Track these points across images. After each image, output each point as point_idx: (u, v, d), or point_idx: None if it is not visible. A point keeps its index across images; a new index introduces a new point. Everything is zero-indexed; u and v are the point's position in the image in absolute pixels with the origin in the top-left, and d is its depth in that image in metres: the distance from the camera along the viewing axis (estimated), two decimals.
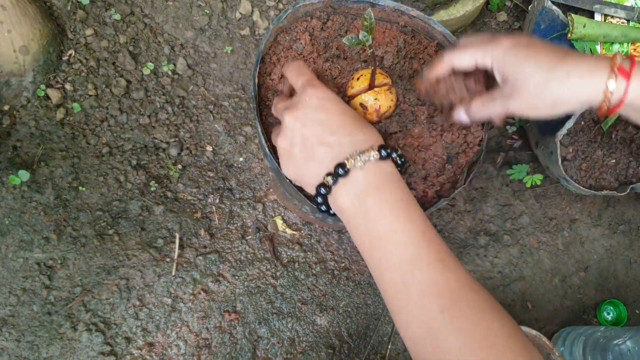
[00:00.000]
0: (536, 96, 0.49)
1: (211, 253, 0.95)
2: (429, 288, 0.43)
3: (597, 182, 0.95)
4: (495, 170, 1.07)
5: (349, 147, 0.48)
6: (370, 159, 0.47)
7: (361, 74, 0.62)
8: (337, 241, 0.99)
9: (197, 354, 0.90)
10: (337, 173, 0.47)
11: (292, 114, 0.50)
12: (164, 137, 0.97)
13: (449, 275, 0.43)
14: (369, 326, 0.98)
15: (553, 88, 0.48)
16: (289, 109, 0.50)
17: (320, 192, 0.48)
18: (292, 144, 0.50)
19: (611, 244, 1.10)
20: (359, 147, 0.48)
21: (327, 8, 0.67)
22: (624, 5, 0.95)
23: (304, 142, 0.49)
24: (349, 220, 0.48)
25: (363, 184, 0.47)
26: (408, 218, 0.46)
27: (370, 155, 0.47)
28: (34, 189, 0.90)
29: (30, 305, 0.87)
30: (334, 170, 0.47)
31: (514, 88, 0.50)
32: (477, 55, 0.52)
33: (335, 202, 0.49)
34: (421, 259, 0.44)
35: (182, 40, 1.01)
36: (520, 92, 0.50)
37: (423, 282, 0.43)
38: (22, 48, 0.88)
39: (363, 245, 0.47)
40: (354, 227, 0.48)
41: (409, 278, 0.44)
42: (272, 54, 0.65)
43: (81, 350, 0.87)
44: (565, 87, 0.48)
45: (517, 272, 1.05)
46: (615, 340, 0.89)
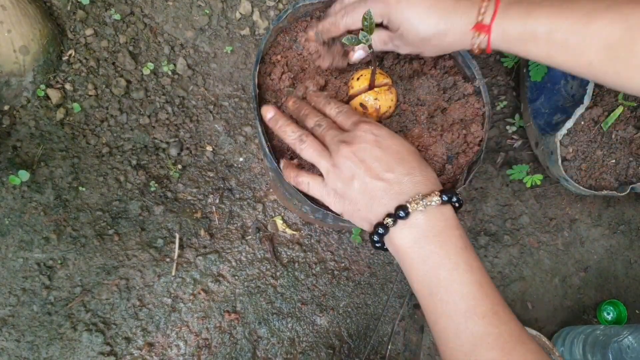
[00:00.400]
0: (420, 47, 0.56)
1: (211, 253, 0.95)
2: (481, 340, 0.43)
3: (597, 182, 0.95)
4: (495, 170, 1.07)
5: (410, 188, 0.48)
6: (432, 204, 0.47)
7: (361, 74, 0.62)
8: (337, 241, 0.99)
9: (197, 354, 0.90)
10: (398, 215, 0.47)
11: (349, 149, 0.49)
12: (164, 137, 0.97)
13: (501, 328, 0.44)
14: (369, 326, 0.98)
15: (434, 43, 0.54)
16: (345, 143, 0.50)
17: (378, 232, 0.48)
18: (348, 181, 0.49)
19: (611, 244, 1.10)
20: (421, 190, 0.48)
21: (327, 8, 0.67)
22: None
23: (362, 179, 0.49)
24: (406, 262, 0.48)
25: (423, 228, 0.47)
26: (467, 268, 0.46)
27: (433, 200, 0.47)
28: (33, 189, 0.90)
29: (30, 306, 0.87)
30: (395, 212, 0.47)
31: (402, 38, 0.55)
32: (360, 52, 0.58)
33: (392, 243, 0.49)
34: (476, 311, 0.44)
35: (182, 40, 1.01)
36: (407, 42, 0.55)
37: (475, 334, 0.44)
38: (22, 48, 0.88)
39: (419, 289, 0.47)
40: (410, 269, 0.48)
41: (462, 328, 0.44)
42: (272, 54, 0.65)
43: (81, 351, 0.87)
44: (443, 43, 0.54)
45: (517, 272, 1.05)
46: (615, 337, 0.89)
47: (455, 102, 0.64)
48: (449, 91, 0.66)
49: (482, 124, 0.65)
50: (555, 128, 0.91)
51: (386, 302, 0.99)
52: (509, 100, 1.09)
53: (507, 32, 0.51)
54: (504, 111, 1.09)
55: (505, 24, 0.50)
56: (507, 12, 0.50)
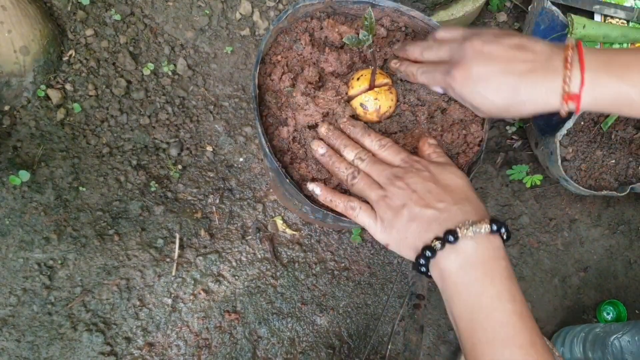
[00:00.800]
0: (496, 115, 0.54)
1: (211, 253, 0.95)
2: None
3: (597, 182, 0.95)
4: (495, 170, 1.07)
5: (459, 216, 0.48)
6: (482, 231, 0.47)
7: (361, 74, 0.62)
8: (337, 241, 0.99)
9: (197, 354, 0.91)
10: (447, 239, 0.47)
11: (401, 181, 0.51)
12: (164, 137, 0.97)
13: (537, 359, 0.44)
14: (369, 326, 0.98)
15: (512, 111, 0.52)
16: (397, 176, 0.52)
17: (425, 255, 0.48)
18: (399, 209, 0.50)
19: (611, 244, 1.10)
20: (470, 217, 0.48)
21: (327, 9, 0.67)
22: (624, 5, 0.96)
23: (412, 208, 0.50)
24: (449, 287, 0.48)
25: (471, 255, 0.47)
26: (510, 298, 0.46)
27: (482, 228, 0.47)
28: (34, 189, 0.90)
29: (31, 306, 0.87)
30: (444, 236, 0.47)
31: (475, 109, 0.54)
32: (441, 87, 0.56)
33: (438, 267, 0.49)
34: (514, 341, 0.45)
35: (182, 40, 1.01)
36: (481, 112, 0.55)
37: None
38: (23, 48, 0.88)
39: (459, 314, 0.48)
40: (453, 294, 0.48)
41: (498, 356, 0.45)
42: (273, 54, 0.65)
43: (81, 351, 0.87)
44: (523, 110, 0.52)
45: (517, 272, 1.05)
46: (615, 334, 0.89)
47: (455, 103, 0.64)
48: None
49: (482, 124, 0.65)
50: (555, 128, 0.91)
51: (386, 302, 0.99)
52: None
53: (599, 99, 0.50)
54: None
55: (597, 92, 0.50)
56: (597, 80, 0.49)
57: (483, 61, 0.51)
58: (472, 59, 0.51)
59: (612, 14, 0.95)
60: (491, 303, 0.46)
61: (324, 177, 0.61)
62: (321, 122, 0.61)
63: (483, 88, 0.51)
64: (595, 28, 0.91)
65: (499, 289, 0.46)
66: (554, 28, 0.94)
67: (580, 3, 0.95)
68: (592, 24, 0.91)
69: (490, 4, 1.10)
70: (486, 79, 0.51)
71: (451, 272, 0.48)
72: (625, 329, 0.89)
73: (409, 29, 0.69)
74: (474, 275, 0.47)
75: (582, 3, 0.95)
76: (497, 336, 0.45)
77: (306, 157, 0.62)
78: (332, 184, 0.60)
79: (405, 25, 0.69)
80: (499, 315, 0.46)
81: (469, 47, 0.52)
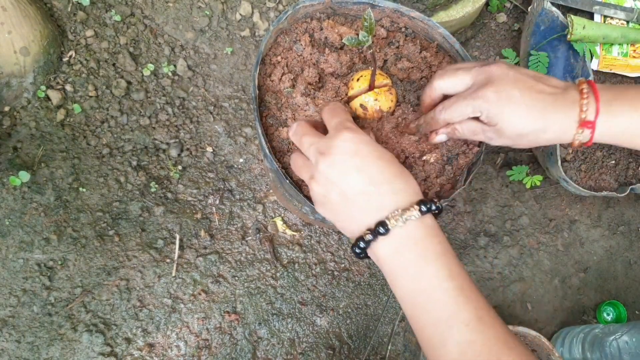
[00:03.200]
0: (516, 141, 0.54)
1: (211, 254, 0.95)
2: (467, 348, 0.43)
3: (597, 183, 0.95)
4: (495, 171, 1.07)
5: (389, 199, 0.48)
6: (412, 218, 0.47)
7: (361, 74, 0.62)
8: (337, 242, 0.99)
9: (197, 354, 0.91)
10: (378, 231, 0.47)
11: (328, 160, 0.49)
12: (164, 138, 0.97)
13: (486, 334, 0.44)
14: (369, 327, 0.98)
15: (531, 138, 0.53)
16: (323, 154, 0.49)
17: (360, 245, 0.48)
18: (328, 191, 0.49)
19: (611, 244, 1.10)
20: (400, 203, 0.47)
21: (327, 9, 0.67)
22: (624, 6, 0.96)
23: (342, 192, 0.48)
24: (387, 272, 0.48)
25: (403, 238, 0.47)
26: (447, 275, 0.46)
27: (412, 214, 0.47)
28: (34, 190, 0.90)
29: (31, 306, 0.87)
30: (375, 228, 0.47)
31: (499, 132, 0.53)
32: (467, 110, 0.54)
33: (374, 253, 0.49)
34: (459, 318, 0.44)
35: (182, 41, 1.01)
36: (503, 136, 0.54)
37: (461, 342, 0.44)
38: (23, 49, 0.88)
39: (402, 298, 0.48)
40: (392, 279, 0.48)
41: (447, 337, 0.44)
42: (273, 55, 0.65)
43: (81, 351, 0.87)
44: (541, 139, 0.53)
45: (516, 273, 1.05)
46: (613, 334, 0.89)
47: None
48: None
49: None
50: None
51: (386, 302, 0.99)
52: None
53: (612, 128, 0.52)
54: None
55: (611, 120, 0.52)
56: (611, 109, 0.52)
57: (513, 83, 0.52)
58: (503, 80, 0.52)
59: (611, 14, 0.95)
60: (430, 283, 0.46)
61: None
62: None
63: (515, 108, 0.51)
64: (595, 29, 0.91)
65: (435, 268, 0.46)
66: (553, 29, 0.94)
67: (580, 4, 0.95)
68: (592, 24, 0.91)
69: (490, 5, 1.10)
70: (517, 101, 0.51)
71: (386, 257, 0.48)
72: (624, 330, 0.89)
73: (409, 29, 0.69)
74: (409, 258, 0.47)
75: (582, 4, 0.95)
76: (441, 316, 0.45)
77: None
78: None
79: (405, 25, 0.69)
80: (439, 294, 0.45)
81: (496, 69, 0.53)
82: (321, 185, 0.49)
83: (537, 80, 0.52)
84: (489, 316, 0.45)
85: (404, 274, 0.47)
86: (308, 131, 0.53)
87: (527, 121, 0.51)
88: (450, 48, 0.67)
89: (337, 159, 0.48)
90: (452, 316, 0.44)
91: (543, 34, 0.95)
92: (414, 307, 0.46)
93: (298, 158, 0.54)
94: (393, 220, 0.46)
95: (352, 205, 0.48)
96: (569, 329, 1.01)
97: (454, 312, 0.44)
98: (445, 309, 0.45)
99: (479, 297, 0.46)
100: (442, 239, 0.48)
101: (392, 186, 0.48)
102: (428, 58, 0.68)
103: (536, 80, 0.52)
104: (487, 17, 1.12)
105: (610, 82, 0.98)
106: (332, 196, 0.49)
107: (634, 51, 0.95)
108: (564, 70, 0.93)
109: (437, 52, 0.69)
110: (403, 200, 0.48)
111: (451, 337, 0.44)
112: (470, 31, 1.10)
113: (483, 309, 0.45)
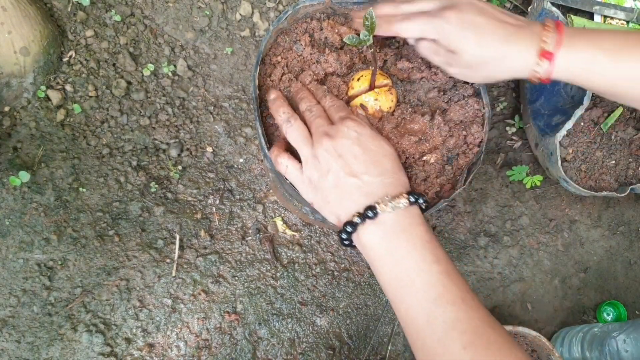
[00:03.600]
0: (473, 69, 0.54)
1: (211, 254, 0.95)
2: (453, 325, 0.45)
3: (597, 183, 0.95)
4: (495, 171, 1.07)
5: (379, 189, 0.49)
6: (400, 206, 0.48)
7: (361, 74, 0.62)
8: (337, 242, 0.99)
9: (197, 355, 0.91)
10: (366, 215, 0.48)
11: (331, 142, 0.51)
12: (164, 138, 0.97)
13: (471, 314, 0.45)
14: (369, 327, 0.98)
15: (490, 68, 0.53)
16: (329, 136, 0.51)
17: (347, 230, 0.50)
18: (324, 173, 0.51)
19: (611, 245, 1.10)
20: (390, 191, 0.49)
21: (327, 9, 0.67)
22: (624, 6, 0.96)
23: (337, 173, 0.50)
24: (374, 258, 0.50)
25: (391, 225, 0.48)
26: (434, 259, 0.47)
27: (401, 202, 0.48)
28: (34, 190, 0.90)
29: (31, 306, 0.87)
30: (363, 212, 0.48)
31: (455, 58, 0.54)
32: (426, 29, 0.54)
33: (360, 240, 0.50)
34: (445, 298, 0.46)
35: (182, 41, 1.01)
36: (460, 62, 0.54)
37: (447, 321, 0.45)
38: (23, 49, 0.88)
39: (387, 282, 0.49)
40: (378, 265, 0.49)
41: (432, 316, 0.45)
42: (273, 55, 0.65)
43: (81, 351, 0.87)
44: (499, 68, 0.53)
45: (517, 273, 1.05)
46: (612, 333, 0.90)
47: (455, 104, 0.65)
48: (449, 92, 0.66)
49: (482, 125, 0.65)
50: (554, 129, 0.91)
51: (386, 303, 0.99)
52: (509, 102, 1.09)
53: (573, 63, 0.51)
54: (503, 112, 1.09)
55: (572, 54, 0.51)
56: (573, 42, 0.51)
57: (478, 10, 0.53)
58: (467, 7, 0.53)
59: (612, 14, 0.95)
60: (416, 266, 0.47)
61: None
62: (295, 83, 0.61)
63: (474, 34, 0.52)
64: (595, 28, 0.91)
65: (422, 252, 0.47)
66: None
67: (580, 4, 0.95)
68: (592, 24, 0.91)
69: None
70: (479, 26, 0.52)
71: (373, 243, 0.49)
72: (622, 329, 0.89)
73: None
74: (396, 243, 0.48)
75: (582, 4, 0.95)
76: (428, 296, 0.46)
77: None
78: None
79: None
80: (426, 276, 0.47)
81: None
82: (321, 162, 0.51)
83: (503, 13, 0.54)
84: (472, 299, 0.47)
85: (390, 259, 0.48)
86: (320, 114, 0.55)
87: (488, 48, 0.52)
88: None
89: (339, 143, 0.51)
90: (438, 296, 0.46)
91: None
92: (399, 290, 0.48)
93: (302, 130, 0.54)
94: (383, 205, 0.48)
95: (343, 188, 0.50)
96: (568, 328, 1.01)
97: (441, 293, 0.46)
98: (432, 289, 0.46)
99: (464, 281, 0.48)
100: (427, 227, 0.50)
101: (384, 178, 0.50)
102: None
103: (502, 12, 0.54)
104: None
105: None
106: (326, 179, 0.51)
107: None
108: None
109: None
110: (392, 191, 0.50)
111: (437, 315, 0.45)
112: None
113: (468, 292, 0.47)
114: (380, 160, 0.51)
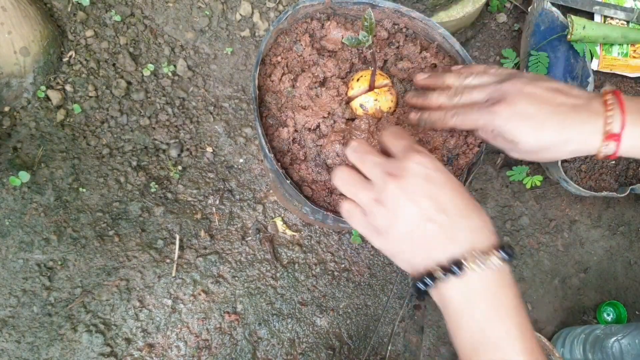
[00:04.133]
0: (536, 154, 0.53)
1: (211, 254, 0.95)
2: None
3: (597, 183, 0.95)
4: (495, 171, 1.07)
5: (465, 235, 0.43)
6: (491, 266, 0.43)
7: (361, 75, 0.62)
8: (337, 242, 0.99)
9: (197, 355, 0.90)
10: (451, 270, 0.42)
11: (398, 183, 0.44)
12: (164, 138, 0.97)
13: None
14: (369, 327, 0.98)
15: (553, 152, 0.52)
16: (393, 176, 0.44)
17: (425, 282, 0.44)
18: (393, 220, 0.44)
19: (611, 245, 1.10)
20: (477, 242, 0.43)
21: (327, 10, 0.67)
22: (624, 6, 0.96)
23: (410, 220, 0.43)
24: (451, 315, 0.45)
25: (476, 283, 0.43)
26: (518, 334, 0.43)
27: (492, 261, 0.42)
28: (34, 190, 0.90)
29: (31, 307, 0.87)
30: (448, 266, 0.43)
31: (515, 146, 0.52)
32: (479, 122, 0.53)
33: (439, 293, 0.44)
34: None
35: (182, 41, 1.01)
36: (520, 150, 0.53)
37: None
38: (23, 49, 0.88)
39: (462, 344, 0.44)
40: (456, 324, 0.44)
41: None
42: (273, 55, 0.65)
43: (81, 352, 0.87)
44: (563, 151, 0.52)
45: (516, 273, 1.05)
46: (615, 336, 0.89)
47: None
48: None
49: None
50: None
51: (386, 303, 0.99)
52: None
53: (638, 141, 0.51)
54: None
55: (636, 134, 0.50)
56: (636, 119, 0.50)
57: (527, 99, 0.51)
58: (516, 97, 0.51)
59: (612, 14, 0.95)
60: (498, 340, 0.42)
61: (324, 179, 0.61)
62: None
63: (529, 125, 0.50)
64: (595, 29, 0.91)
65: (507, 325, 0.43)
66: (554, 29, 0.94)
67: (580, 4, 0.95)
68: (592, 24, 0.91)
69: (490, 5, 1.10)
70: (533, 117, 0.50)
71: (453, 300, 0.43)
72: (626, 332, 0.89)
73: (409, 29, 0.69)
74: (480, 307, 0.43)
75: (582, 4, 0.95)
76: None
77: (306, 158, 0.62)
78: None
79: (405, 26, 0.69)
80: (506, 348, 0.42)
81: (510, 87, 0.52)
82: (388, 209, 0.44)
83: (556, 93, 0.51)
84: None
85: (470, 323, 0.43)
86: (371, 150, 0.48)
87: (544, 136, 0.50)
88: (450, 48, 0.67)
89: (410, 182, 0.44)
90: None
91: (543, 34, 0.95)
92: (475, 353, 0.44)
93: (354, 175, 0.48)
94: (471, 262, 0.42)
95: (420, 237, 0.44)
96: (569, 329, 1.01)
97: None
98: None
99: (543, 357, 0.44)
100: (516, 291, 0.44)
101: (468, 222, 0.44)
102: (428, 58, 0.68)
103: (555, 92, 0.51)
104: (487, 17, 1.12)
105: (610, 82, 0.98)
106: (397, 226, 0.44)
107: (634, 51, 0.95)
108: (564, 70, 0.93)
109: (437, 52, 0.69)
110: (480, 240, 0.44)
111: None
112: (471, 31, 1.10)
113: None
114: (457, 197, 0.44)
